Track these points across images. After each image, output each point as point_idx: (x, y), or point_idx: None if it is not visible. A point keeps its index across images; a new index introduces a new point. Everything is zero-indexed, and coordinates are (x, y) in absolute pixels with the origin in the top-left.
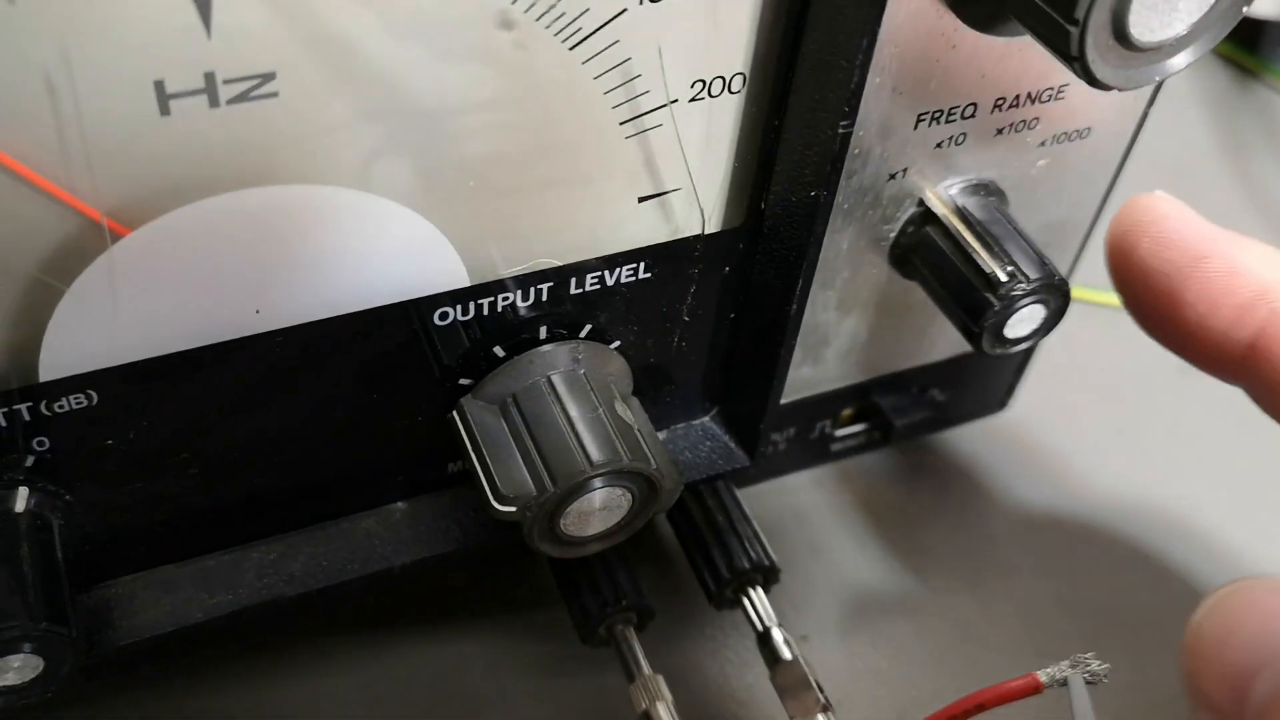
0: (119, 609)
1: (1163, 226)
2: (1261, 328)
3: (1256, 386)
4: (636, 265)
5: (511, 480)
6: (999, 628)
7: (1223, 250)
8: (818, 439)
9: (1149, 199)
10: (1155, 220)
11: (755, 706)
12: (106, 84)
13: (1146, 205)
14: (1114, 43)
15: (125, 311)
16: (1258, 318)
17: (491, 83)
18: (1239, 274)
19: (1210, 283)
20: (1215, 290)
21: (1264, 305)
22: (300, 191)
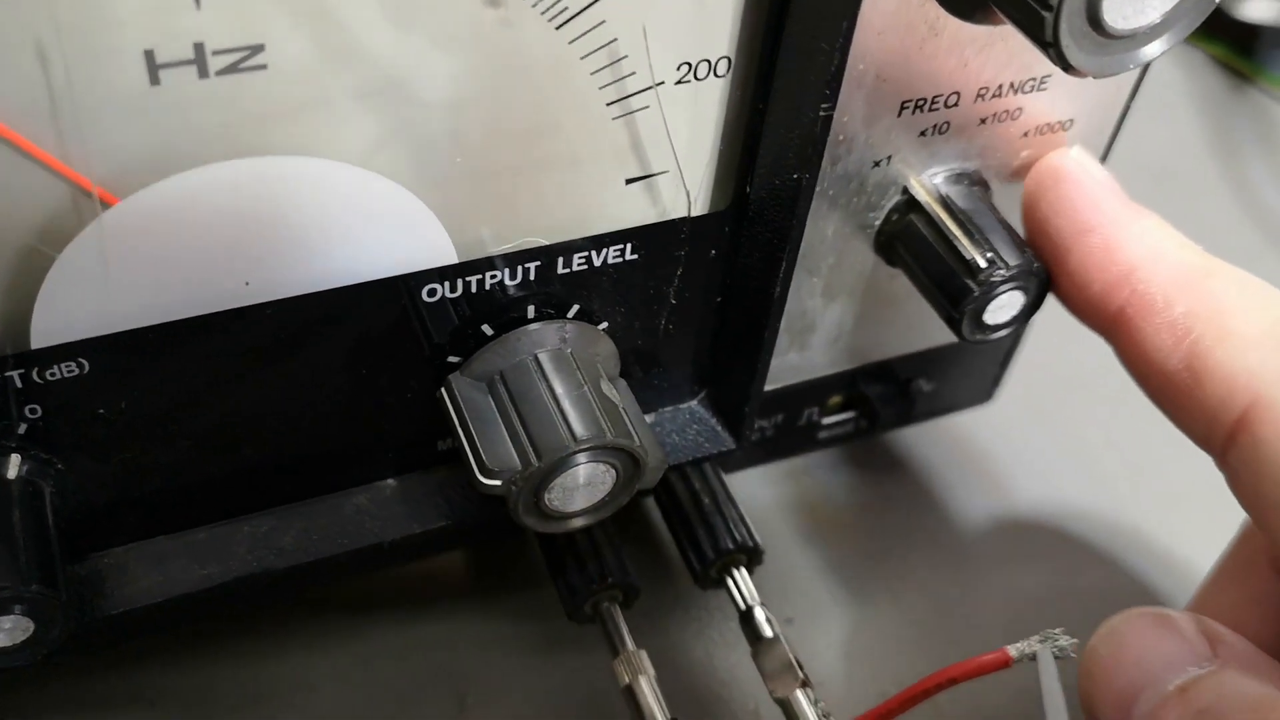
0: (111, 579)
1: (1059, 192)
2: (1123, 306)
3: (1119, 353)
4: (623, 246)
5: (497, 455)
6: (979, 612)
7: (1105, 225)
8: (805, 426)
9: (1058, 158)
10: (1055, 184)
11: (737, 686)
12: (97, 53)
13: (1054, 166)
14: (1088, 29)
15: (116, 280)
16: (1121, 296)
17: (478, 61)
18: (1113, 251)
19: (1087, 256)
20: (1090, 265)
21: (1127, 286)
22: (290, 164)
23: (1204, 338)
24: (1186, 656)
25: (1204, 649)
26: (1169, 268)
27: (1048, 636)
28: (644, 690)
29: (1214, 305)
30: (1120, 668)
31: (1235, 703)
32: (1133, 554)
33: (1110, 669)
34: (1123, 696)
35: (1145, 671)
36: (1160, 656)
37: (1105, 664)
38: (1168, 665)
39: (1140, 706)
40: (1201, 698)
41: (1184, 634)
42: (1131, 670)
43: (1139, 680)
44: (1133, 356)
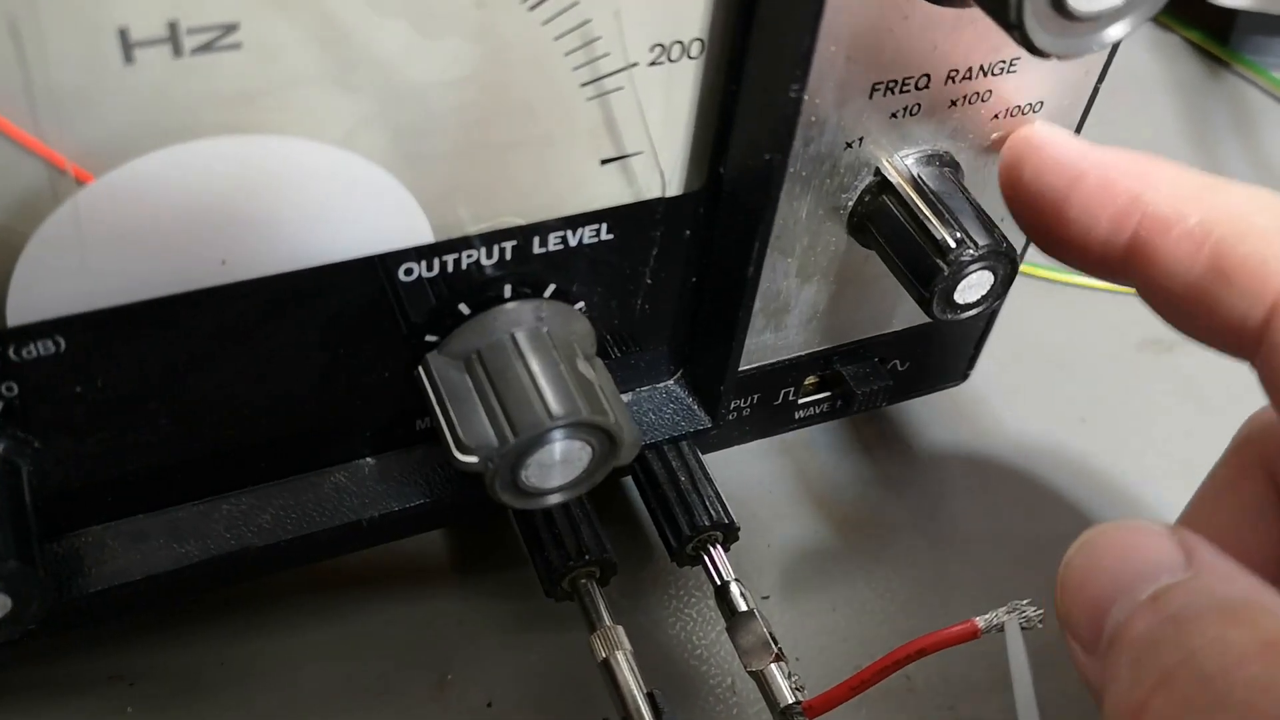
0: (89, 557)
1: (1042, 154)
2: (1135, 231)
3: (1138, 284)
4: (599, 226)
5: (474, 432)
6: (953, 586)
7: (1095, 166)
8: (782, 406)
9: (1027, 130)
10: (1035, 149)
11: (713, 660)
12: (71, 30)
13: (1026, 136)
14: (1052, 11)
15: (91, 258)
16: (1130, 223)
17: (453, 42)
18: (1111, 184)
19: (1088, 198)
20: (1092, 204)
21: (1135, 210)
22: (266, 143)
23: (1226, 238)
24: (1161, 566)
25: (1179, 559)
26: (1173, 185)
27: (1015, 607)
28: (621, 664)
29: (1228, 209)
30: (1094, 578)
31: (1204, 608)
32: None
33: (1084, 580)
34: (1096, 607)
35: (1119, 581)
36: (1134, 567)
37: (1079, 575)
38: (1141, 575)
39: (1113, 616)
40: (1171, 604)
41: (1159, 545)
42: (1105, 580)
43: (1112, 590)
44: (1154, 280)
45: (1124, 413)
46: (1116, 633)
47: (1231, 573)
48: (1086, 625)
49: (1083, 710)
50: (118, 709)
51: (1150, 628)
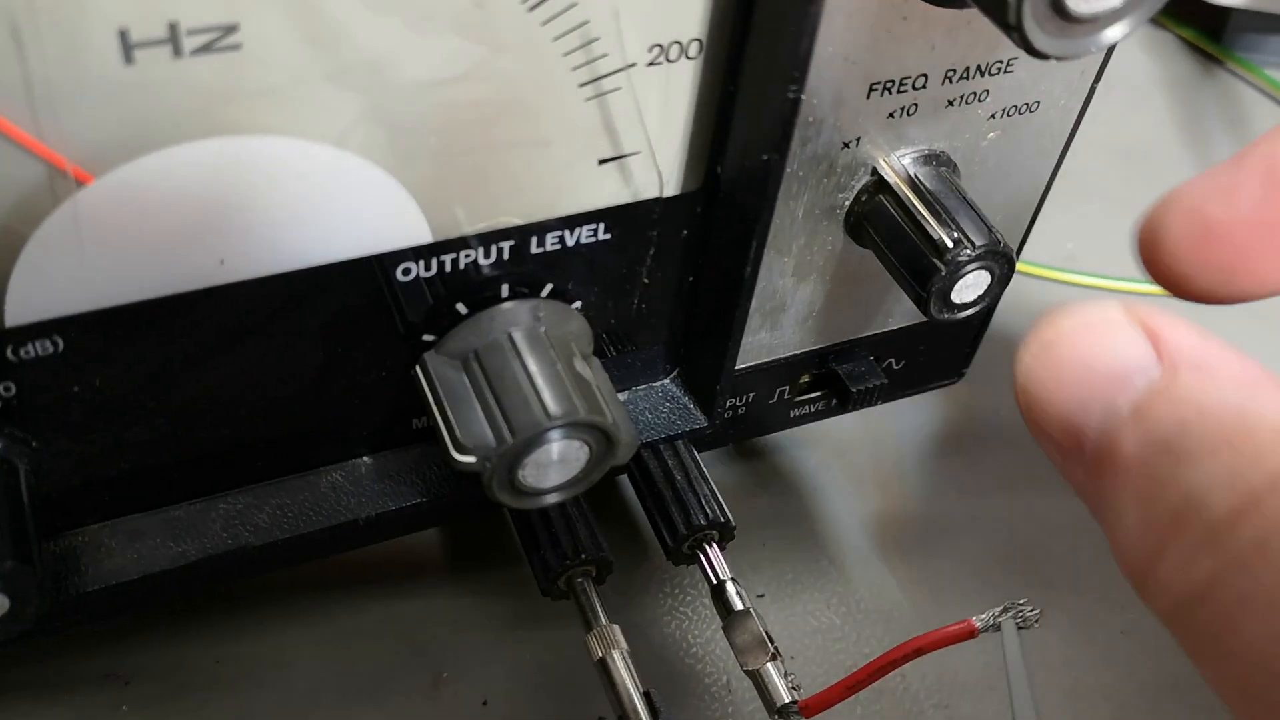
0: (86, 556)
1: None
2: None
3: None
4: (596, 226)
5: (471, 432)
6: (950, 587)
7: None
8: (777, 405)
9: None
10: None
11: (709, 659)
12: (71, 32)
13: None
14: (1051, 13)
15: (90, 258)
16: None
17: (452, 42)
18: None
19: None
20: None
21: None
22: (265, 143)
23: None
24: (1131, 368)
25: (1148, 354)
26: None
27: (1011, 607)
28: (617, 664)
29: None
30: (1061, 392)
31: (1198, 426)
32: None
33: (1050, 394)
34: (1070, 425)
35: (1091, 393)
36: (1104, 371)
37: (1043, 389)
38: (1113, 378)
39: (1094, 429)
40: (1161, 423)
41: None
42: (1074, 393)
43: (1085, 402)
44: None
45: None
46: (1104, 450)
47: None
48: (1063, 439)
49: (1080, 709)
50: (113, 707)
51: (1144, 456)
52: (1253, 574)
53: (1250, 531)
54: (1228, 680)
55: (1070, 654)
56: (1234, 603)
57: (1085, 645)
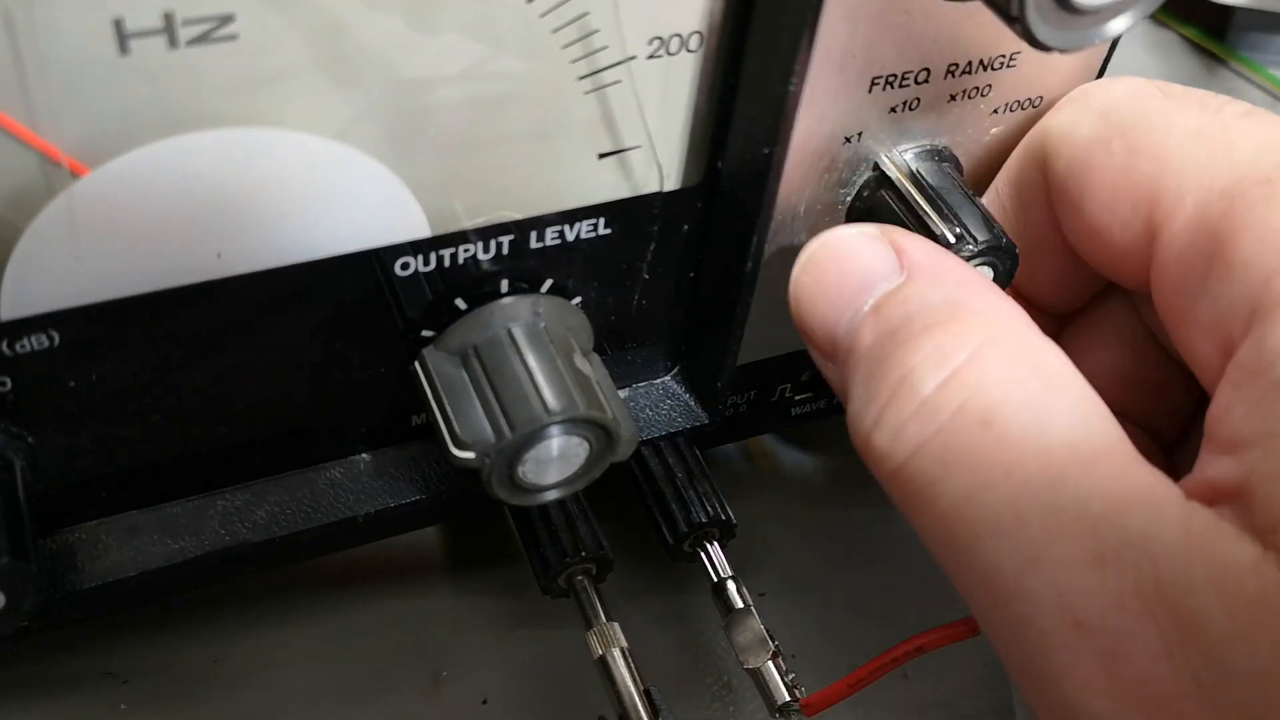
0: (83, 553)
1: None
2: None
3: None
4: (596, 221)
5: (470, 428)
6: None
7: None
8: (779, 402)
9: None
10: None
11: (710, 657)
12: (66, 21)
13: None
14: (1054, 5)
15: (86, 251)
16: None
17: (450, 34)
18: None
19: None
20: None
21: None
22: (262, 136)
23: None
24: (876, 274)
25: (893, 262)
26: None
27: None
28: (618, 662)
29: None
30: (820, 295)
31: (917, 318)
32: None
33: (812, 298)
34: (827, 322)
35: (843, 295)
36: (853, 279)
37: (807, 294)
38: (862, 285)
39: (843, 329)
40: (891, 316)
41: (873, 251)
42: (831, 295)
43: (839, 304)
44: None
45: None
46: (849, 345)
47: (939, 268)
48: (823, 339)
49: None
50: (111, 706)
51: (874, 343)
52: (949, 436)
53: (950, 399)
54: (930, 533)
55: None
56: (935, 463)
57: None
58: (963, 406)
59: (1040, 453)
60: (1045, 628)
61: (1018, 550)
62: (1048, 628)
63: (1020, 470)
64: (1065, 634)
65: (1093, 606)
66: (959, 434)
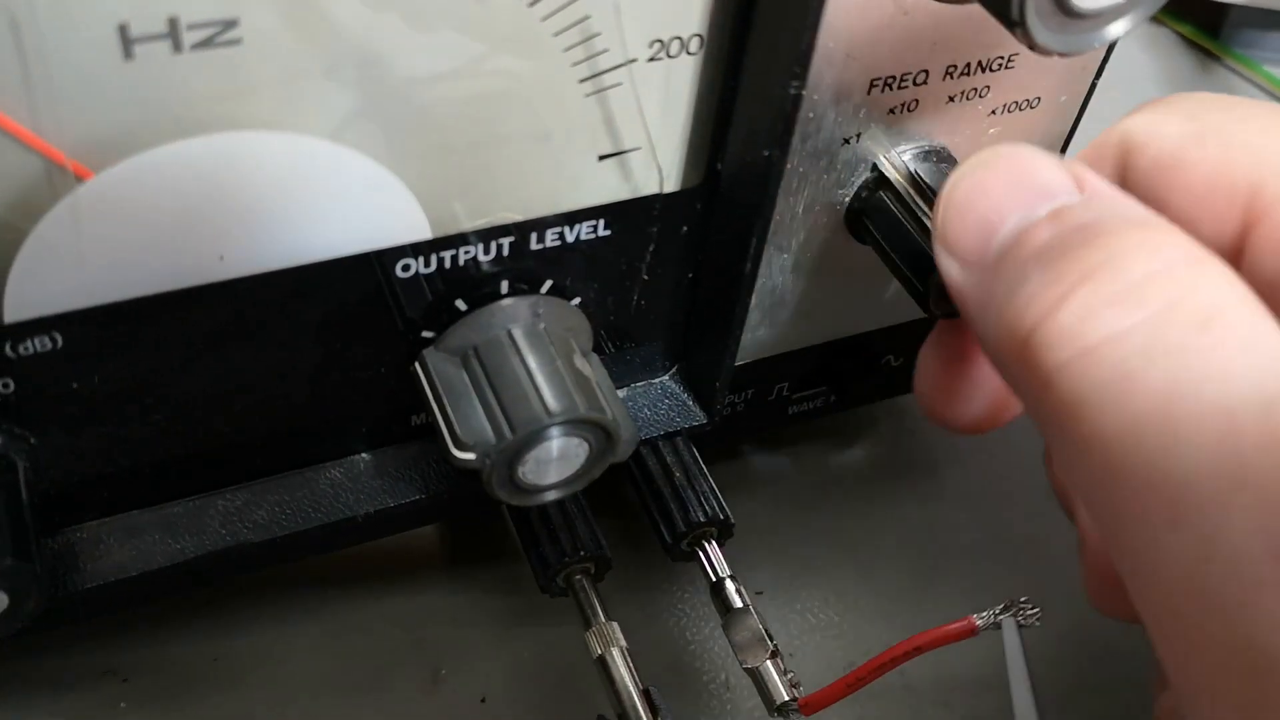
0: (84, 553)
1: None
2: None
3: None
4: (596, 223)
5: (471, 429)
6: (950, 585)
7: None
8: (775, 401)
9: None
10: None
11: (708, 656)
12: (71, 26)
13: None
14: (1054, 9)
15: (89, 254)
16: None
17: (452, 37)
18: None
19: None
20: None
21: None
22: (264, 139)
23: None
24: (1056, 189)
25: (1070, 185)
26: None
27: (1012, 605)
28: (616, 661)
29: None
30: (985, 196)
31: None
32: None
33: (974, 198)
34: (986, 222)
35: (1013, 199)
36: (1029, 187)
37: (967, 193)
38: (1040, 193)
39: (1006, 229)
40: (1073, 219)
41: (1052, 169)
42: (997, 198)
43: (1005, 207)
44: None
45: None
46: (1014, 242)
47: (1122, 197)
48: (973, 239)
49: (1079, 707)
50: (111, 704)
51: (1060, 234)
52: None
53: (1163, 292)
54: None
55: (1070, 652)
56: (1137, 353)
57: (1085, 643)
58: (1177, 302)
59: (1258, 369)
60: (1240, 551)
61: (1222, 462)
62: (1243, 552)
63: (1238, 381)
64: (1265, 565)
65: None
66: (1172, 329)
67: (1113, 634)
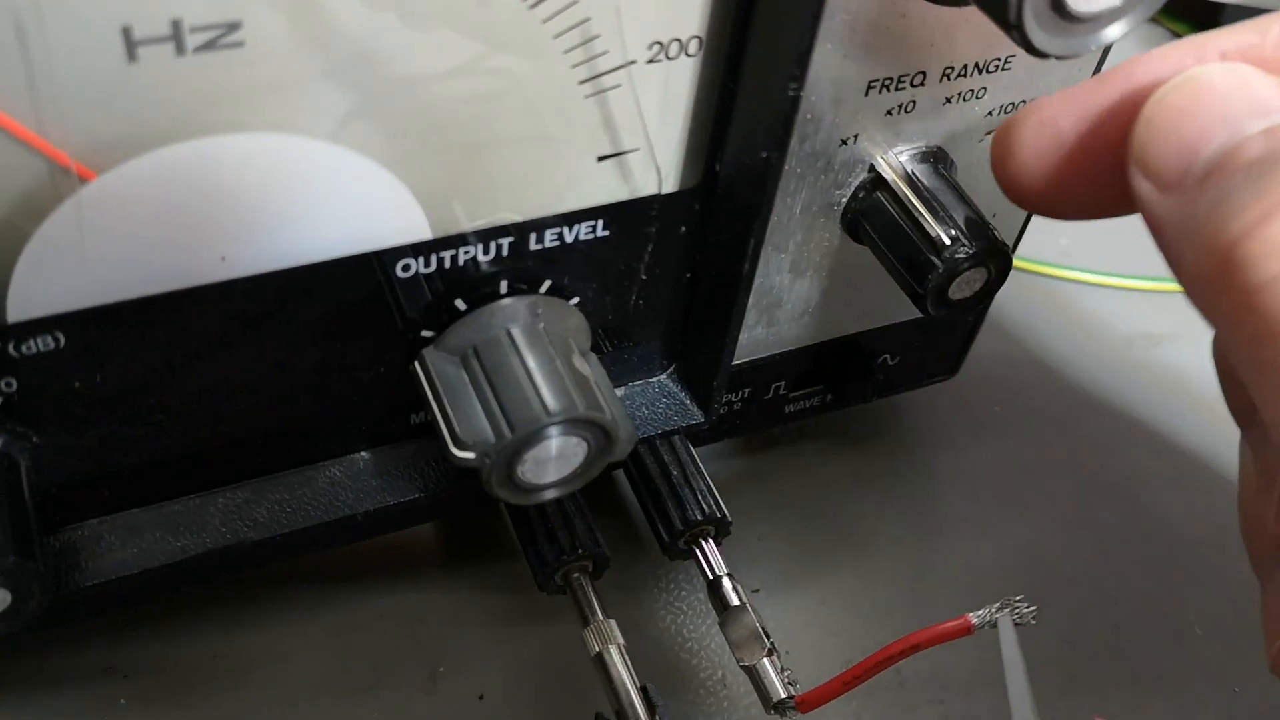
0: (86, 551)
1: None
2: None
3: None
4: (595, 223)
5: (471, 428)
6: (943, 580)
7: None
8: (772, 400)
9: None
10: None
11: (705, 654)
12: (75, 29)
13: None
14: (1051, 12)
15: (92, 255)
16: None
17: (453, 39)
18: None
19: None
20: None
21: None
22: (266, 140)
23: None
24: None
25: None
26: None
27: (1008, 603)
28: (614, 658)
29: None
30: (1192, 113)
31: None
32: (1094, 521)
33: (1180, 115)
34: (1190, 141)
35: (1224, 116)
36: (1241, 103)
37: (1172, 111)
38: (1251, 110)
39: (1213, 147)
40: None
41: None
42: (1206, 115)
43: (1214, 124)
44: None
45: (1114, 406)
46: (1221, 160)
47: None
48: (1174, 158)
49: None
50: (111, 701)
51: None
52: None
53: None
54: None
55: (1066, 650)
56: None
57: (1081, 641)
58: None
59: None
60: None
61: None
62: None
63: None
64: None
65: None
66: None
67: (1107, 632)
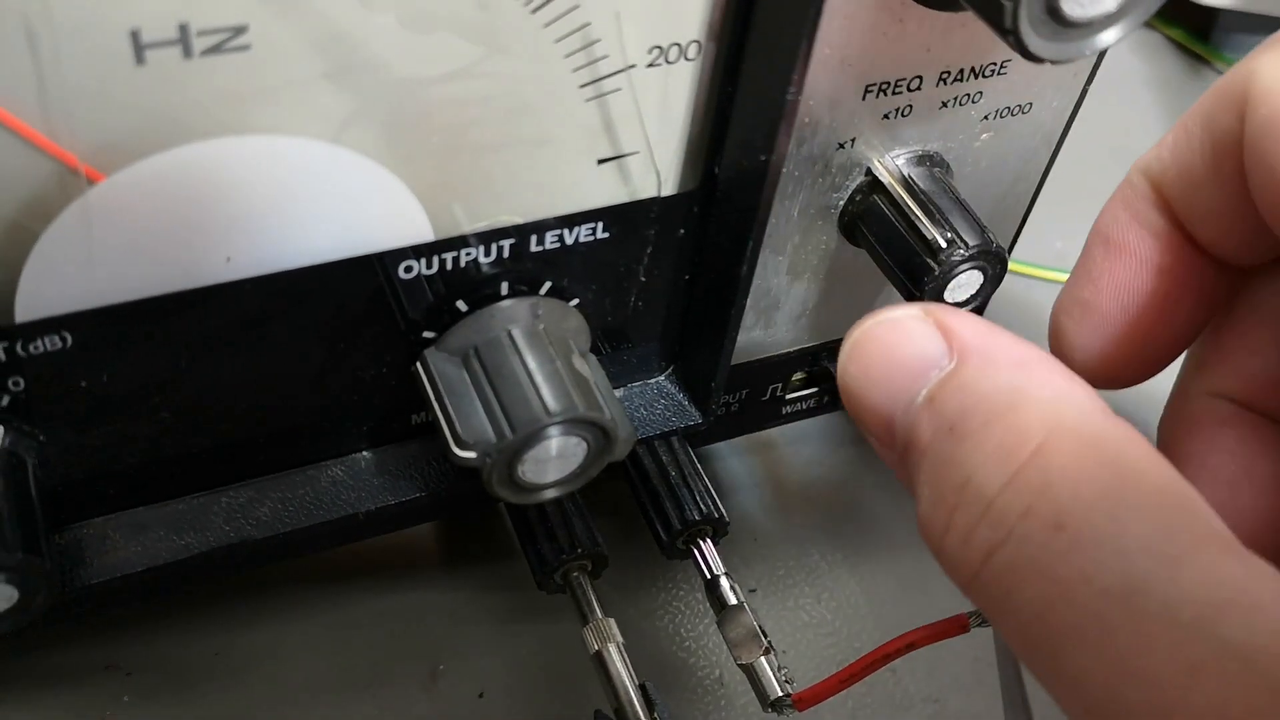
0: (91, 548)
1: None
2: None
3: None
4: (595, 225)
5: (472, 428)
6: (941, 582)
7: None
8: (770, 401)
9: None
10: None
11: (703, 652)
12: (84, 32)
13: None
14: (1046, 17)
15: (100, 255)
16: None
17: (455, 42)
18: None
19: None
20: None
21: None
22: (272, 142)
23: None
24: (927, 361)
25: (941, 346)
26: None
27: None
28: (613, 657)
29: None
30: (870, 387)
31: (976, 409)
32: None
33: (862, 389)
34: (881, 413)
35: (893, 386)
36: (903, 368)
37: (856, 385)
38: (913, 373)
39: (899, 423)
40: (947, 408)
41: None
42: (881, 387)
43: (890, 396)
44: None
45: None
46: (906, 439)
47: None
48: (879, 429)
49: None
50: (114, 697)
51: (933, 439)
52: (1020, 544)
53: (1017, 502)
54: (1015, 641)
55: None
56: (1009, 572)
57: None
58: (1030, 510)
59: (1119, 555)
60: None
61: (1106, 662)
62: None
63: (1100, 578)
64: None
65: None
66: (1030, 540)
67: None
